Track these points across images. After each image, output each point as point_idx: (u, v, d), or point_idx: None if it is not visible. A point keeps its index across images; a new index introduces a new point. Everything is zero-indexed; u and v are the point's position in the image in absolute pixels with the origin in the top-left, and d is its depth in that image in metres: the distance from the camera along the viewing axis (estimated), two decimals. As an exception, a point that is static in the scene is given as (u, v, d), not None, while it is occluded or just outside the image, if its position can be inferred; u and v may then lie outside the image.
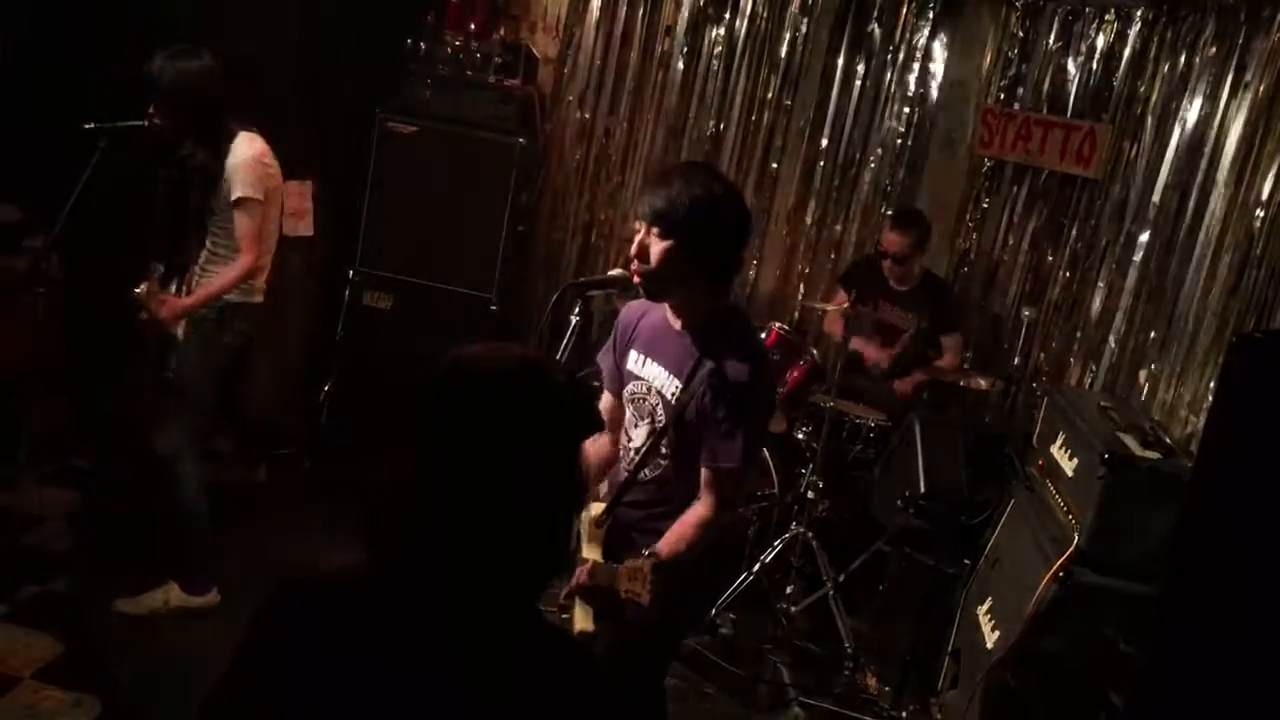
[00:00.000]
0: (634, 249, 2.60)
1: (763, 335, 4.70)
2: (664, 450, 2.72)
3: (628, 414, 2.83)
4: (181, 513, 3.89)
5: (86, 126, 3.72)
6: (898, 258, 5.10)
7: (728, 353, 2.61)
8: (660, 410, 2.71)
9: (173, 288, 3.82)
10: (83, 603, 3.88)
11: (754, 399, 2.62)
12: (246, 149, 3.75)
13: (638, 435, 2.78)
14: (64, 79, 4.34)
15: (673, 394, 2.68)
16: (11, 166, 4.33)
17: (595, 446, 2.92)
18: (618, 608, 2.53)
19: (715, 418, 2.60)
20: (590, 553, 2.67)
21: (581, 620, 2.59)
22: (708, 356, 2.62)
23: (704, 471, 2.65)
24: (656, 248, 2.56)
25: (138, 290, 3.73)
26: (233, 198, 3.71)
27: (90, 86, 4.17)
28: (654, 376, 2.74)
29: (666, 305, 2.74)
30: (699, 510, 2.65)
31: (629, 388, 2.81)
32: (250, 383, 4.78)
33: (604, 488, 2.95)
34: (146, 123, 3.72)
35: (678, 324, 2.71)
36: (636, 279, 2.63)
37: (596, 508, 2.80)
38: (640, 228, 2.60)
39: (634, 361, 2.81)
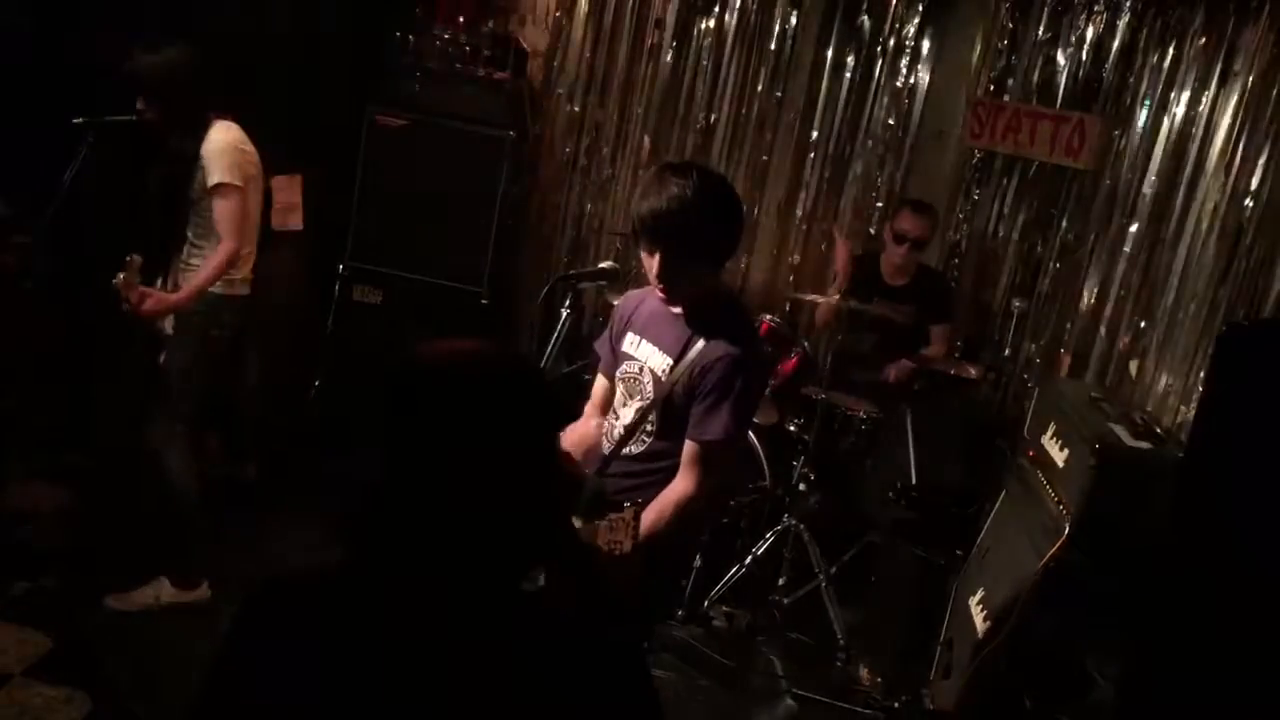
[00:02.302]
0: (655, 272, 2.65)
1: (753, 327, 4.70)
2: (650, 426, 2.76)
3: (618, 393, 2.88)
4: (171, 508, 3.88)
5: (74, 121, 3.71)
6: (918, 242, 5.09)
7: (719, 332, 2.67)
8: (650, 387, 2.76)
9: (159, 283, 3.80)
10: (74, 599, 3.86)
11: (742, 377, 2.65)
12: (221, 135, 3.72)
13: (625, 413, 2.83)
14: (52, 74, 4.31)
15: (663, 371, 2.73)
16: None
17: (582, 428, 3.00)
18: (600, 569, 2.56)
19: (703, 392, 2.64)
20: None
21: None
22: (701, 334, 2.69)
23: (687, 446, 2.68)
24: (671, 264, 2.62)
25: (115, 280, 3.70)
26: (210, 184, 3.68)
27: (78, 81, 4.14)
28: (647, 356, 2.80)
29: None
30: (679, 487, 2.68)
31: (622, 368, 2.86)
32: (239, 378, 4.77)
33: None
34: (135, 118, 3.70)
35: (676, 308, 2.77)
36: (660, 294, 2.71)
37: None
38: (650, 250, 2.65)
39: (629, 343, 2.86)
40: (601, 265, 3.05)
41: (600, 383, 3.00)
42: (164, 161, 3.83)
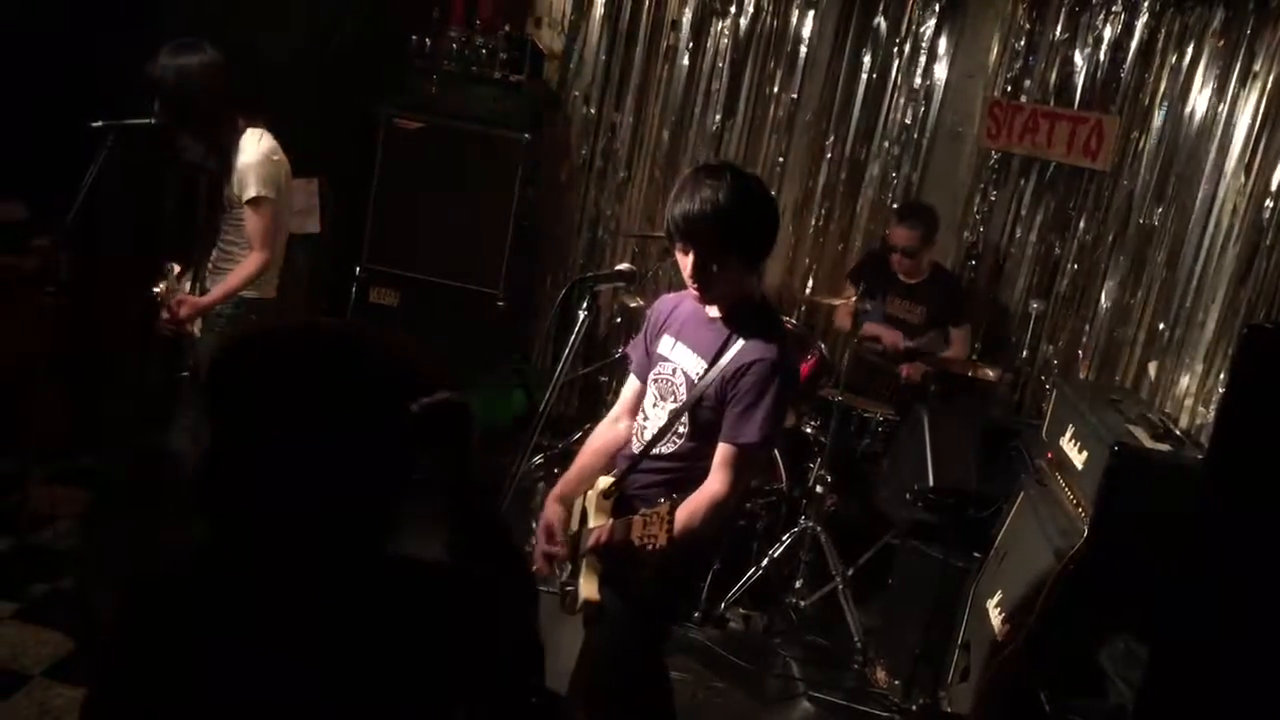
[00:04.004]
0: (689, 272, 2.66)
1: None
2: (682, 428, 2.77)
3: (649, 394, 2.89)
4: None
5: (93, 124, 3.72)
6: (907, 251, 5.08)
7: (754, 335, 2.68)
8: (683, 389, 2.78)
9: (186, 286, 3.83)
10: (93, 601, 3.88)
11: (776, 381, 2.66)
12: (257, 146, 3.74)
13: (656, 414, 2.84)
14: (70, 77, 4.34)
15: (697, 373, 2.74)
16: (18, 165, 4.33)
17: (610, 431, 3.02)
18: (630, 566, 2.58)
19: (737, 395, 2.66)
20: (598, 523, 2.75)
21: (587, 589, 2.68)
22: (736, 337, 2.70)
23: (720, 448, 2.70)
24: (708, 265, 2.64)
25: (156, 290, 3.75)
26: (246, 196, 3.70)
27: (97, 84, 4.17)
28: (681, 358, 2.81)
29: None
30: (711, 488, 2.69)
31: (655, 370, 2.88)
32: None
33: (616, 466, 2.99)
34: (154, 121, 3.71)
35: (714, 312, 2.79)
36: (695, 295, 2.72)
37: (605, 481, 2.87)
38: (685, 250, 2.66)
39: (664, 346, 2.88)
40: (618, 268, 3.05)
41: (632, 384, 3.01)
42: (183, 166, 3.84)
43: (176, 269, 3.79)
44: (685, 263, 2.67)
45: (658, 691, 3.05)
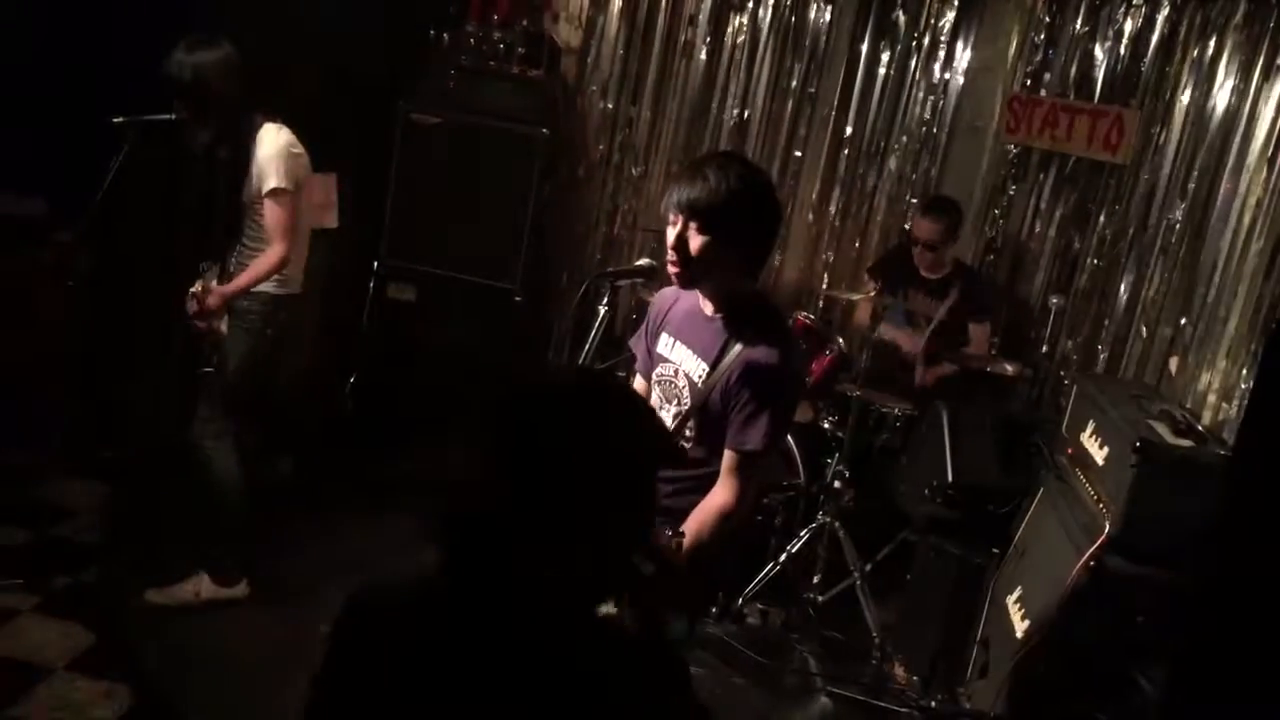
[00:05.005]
0: (671, 241, 2.61)
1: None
2: (688, 433, 2.73)
3: (654, 396, 2.85)
4: (216, 503, 3.91)
5: (114, 120, 3.74)
6: (930, 245, 5.05)
7: (757, 337, 2.62)
8: (687, 393, 2.73)
9: (214, 282, 3.84)
10: (115, 594, 3.90)
11: (780, 383, 2.63)
12: (275, 139, 3.75)
13: (662, 417, 2.78)
14: (91, 73, 4.35)
15: (700, 377, 2.69)
16: (39, 160, 4.35)
17: None
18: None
19: (741, 400, 2.60)
20: None
21: None
22: (737, 340, 2.64)
23: (726, 455, 2.65)
24: (694, 241, 2.58)
25: (193, 290, 3.77)
26: (265, 188, 3.71)
27: (118, 80, 4.18)
28: (682, 360, 2.76)
29: (699, 291, 2.75)
30: (719, 496, 2.65)
31: (657, 370, 2.84)
32: (277, 375, 4.80)
33: None
34: (174, 117, 3.72)
35: (709, 309, 2.73)
36: (672, 269, 2.64)
37: None
38: (675, 219, 2.60)
39: (664, 345, 2.83)
40: (638, 263, 3.03)
41: (639, 383, 2.97)
42: (201, 161, 3.85)
43: (215, 267, 3.80)
44: (670, 233, 2.62)
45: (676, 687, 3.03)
